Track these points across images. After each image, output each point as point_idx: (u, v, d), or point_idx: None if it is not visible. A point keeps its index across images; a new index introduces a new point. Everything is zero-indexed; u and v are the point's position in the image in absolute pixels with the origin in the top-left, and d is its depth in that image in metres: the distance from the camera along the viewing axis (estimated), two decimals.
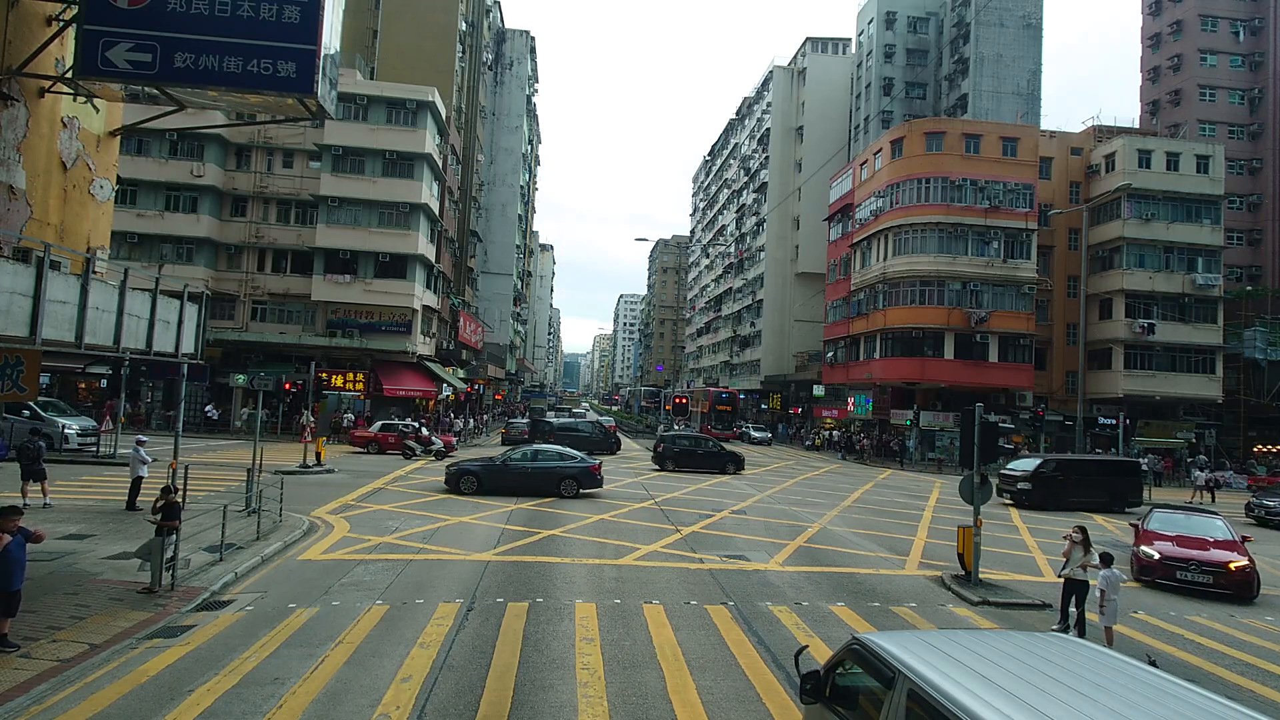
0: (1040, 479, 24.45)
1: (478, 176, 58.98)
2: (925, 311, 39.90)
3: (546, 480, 20.41)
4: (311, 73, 11.77)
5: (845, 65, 63.50)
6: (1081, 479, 24.97)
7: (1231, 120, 50.46)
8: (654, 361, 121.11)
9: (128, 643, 8.19)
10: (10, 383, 10.39)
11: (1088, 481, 24.94)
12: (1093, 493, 24.59)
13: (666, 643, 9.05)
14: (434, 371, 42.49)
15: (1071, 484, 24.60)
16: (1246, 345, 43.23)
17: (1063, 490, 24.35)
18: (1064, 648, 4.53)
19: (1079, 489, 24.58)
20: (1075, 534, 10.96)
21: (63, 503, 15.58)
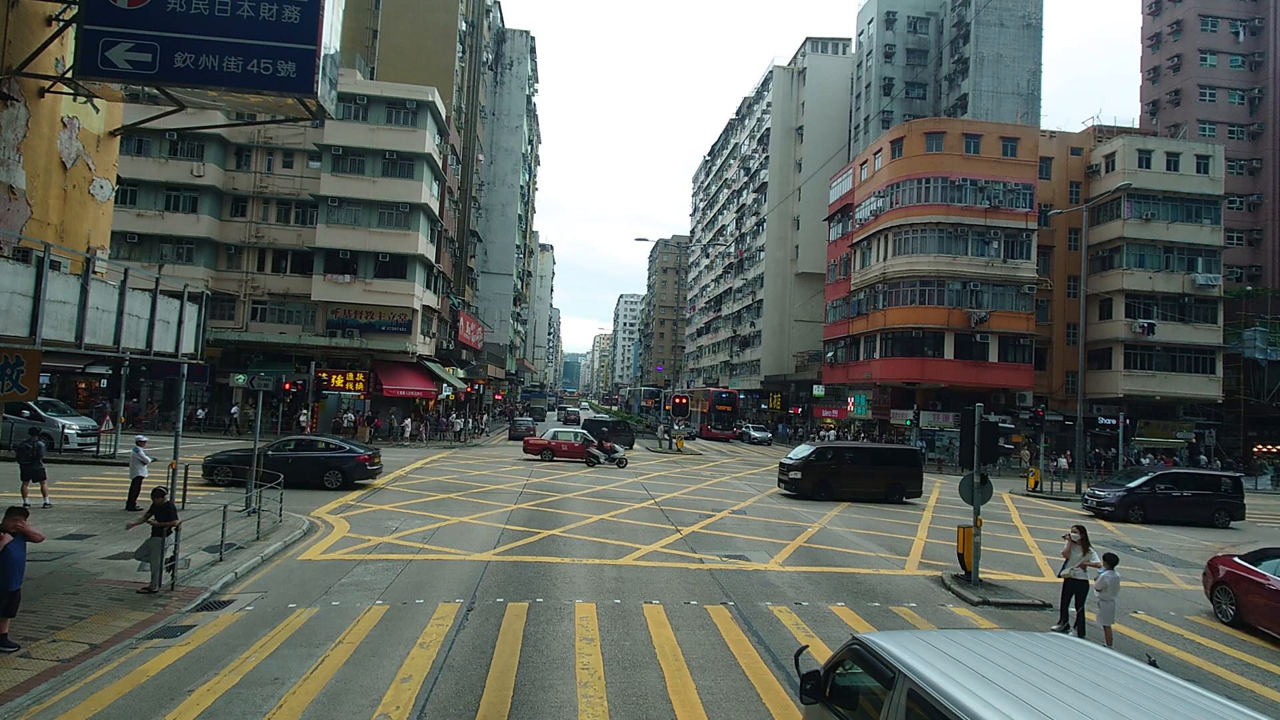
0: (810, 467, 23.29)
1: (478, 176, 58.97)
2: (925, 311, 39.89)
3: (309, 471, 19.57)
4: (311, 73, 11.78)
5: (845, 65, 63.50)
6: (856, 469, 23.84)
7: (1231, 120, 50.45)
8: (654, 361, 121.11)
9: (128, 643, 8.19)
10: (10, 383, 10.38)
11: (863, 471, 23.82)
12: (868, 483, 23.57)
13: (666, 643, 9.05)
14: (434, 371, 42.49)
15: (845, 474, 23.49)
16: (1246, 345, 43.23)
17: (835, 480, 23.26)
18: (1064, 648, 4.53)
19: (852, 479, 23.48)
20: (1075, 534, 10.97)
21: (63, 503, 15.58)
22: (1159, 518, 22.40)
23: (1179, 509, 22.57)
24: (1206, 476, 24.09)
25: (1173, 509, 22.54)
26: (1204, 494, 22.85)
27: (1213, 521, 22.49)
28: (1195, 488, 23.05)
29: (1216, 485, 23.13)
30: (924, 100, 57.07)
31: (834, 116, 62.41)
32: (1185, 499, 22.70)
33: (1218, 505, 22.60)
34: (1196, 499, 22.76)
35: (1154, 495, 22.63)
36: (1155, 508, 22.47)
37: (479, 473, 25.70)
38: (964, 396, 37.45)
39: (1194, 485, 23.18)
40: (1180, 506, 22.61)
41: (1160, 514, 22.42)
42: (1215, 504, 22.62)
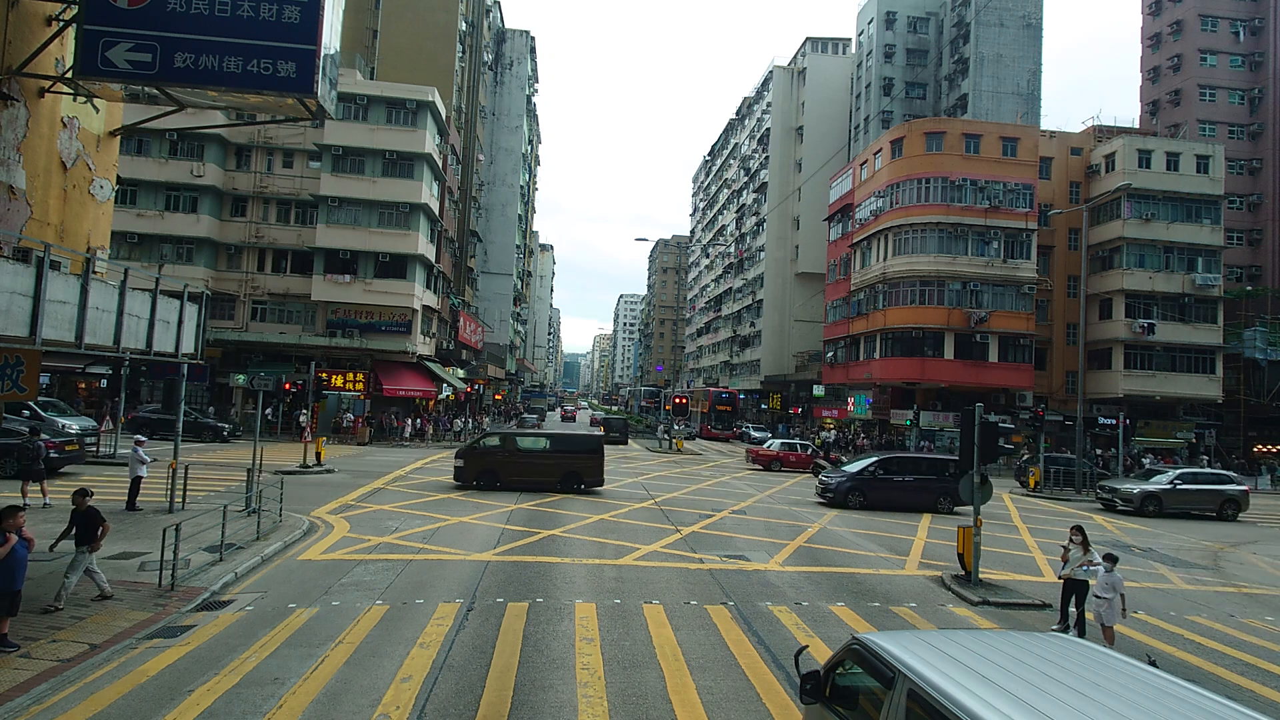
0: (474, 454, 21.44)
1: (478, 176, 58.97)
2: (925, 311, 39.89)
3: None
4: (311, 73, 11.77)
5: (845, 65, 63.49)
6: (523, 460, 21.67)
7: (1231, 120, 50.44)
8: (654, 361, 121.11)
9: (128, 643, 8.19)
10: (10, 383, 10.38)
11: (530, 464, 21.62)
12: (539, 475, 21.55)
13: (666, 643, 9.05)
14: (434, 371, 42.49)
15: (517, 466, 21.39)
16: (1246, 345, 43.22)
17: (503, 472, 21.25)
18: (1064, 648, 4.53)
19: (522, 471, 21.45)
20: (1074, 534, 10.97)
21: (63, 503, 15.56)
22: (880, 503, 21.56)
23: (901, 494, 21.82)
24: (931, 461, 23.30)
25: (894, 494, 21.77)
26: (927, 479, 22.05)
27: (935, 507, 21.72)
28: (919, 472, 22.35)
29: (942, 470, 22.32)
30: (924, 100, 57.06)
31: (834, 116, 62.40)
32: (908, 484, 21.93)
33: (941, 490, 21.75)
34: (919, 484, 21.97)
35: (875, 480, 21.84)
36: (876, 493, 21.67)
37: None
38: (964, 396, 37.45)
39: (918, 470, 22.49)
40: (902, 492, 21.83)
41: (881, 499, 21.62)
42: (939, 489, 21.79)
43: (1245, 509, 24.81)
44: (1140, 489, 24.50)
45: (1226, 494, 24.63)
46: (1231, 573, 15.87)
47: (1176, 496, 24.34)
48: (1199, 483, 25.03)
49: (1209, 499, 24.59)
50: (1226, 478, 25.81)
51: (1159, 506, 24.07)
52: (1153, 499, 24.14)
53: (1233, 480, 25.60)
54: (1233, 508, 24.48)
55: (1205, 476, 25.79)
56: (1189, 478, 25.23)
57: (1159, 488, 24.52)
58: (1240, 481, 25.86)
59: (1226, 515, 24.37)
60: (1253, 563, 17.25)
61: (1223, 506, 24.43)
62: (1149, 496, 24.16)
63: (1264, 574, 15.98)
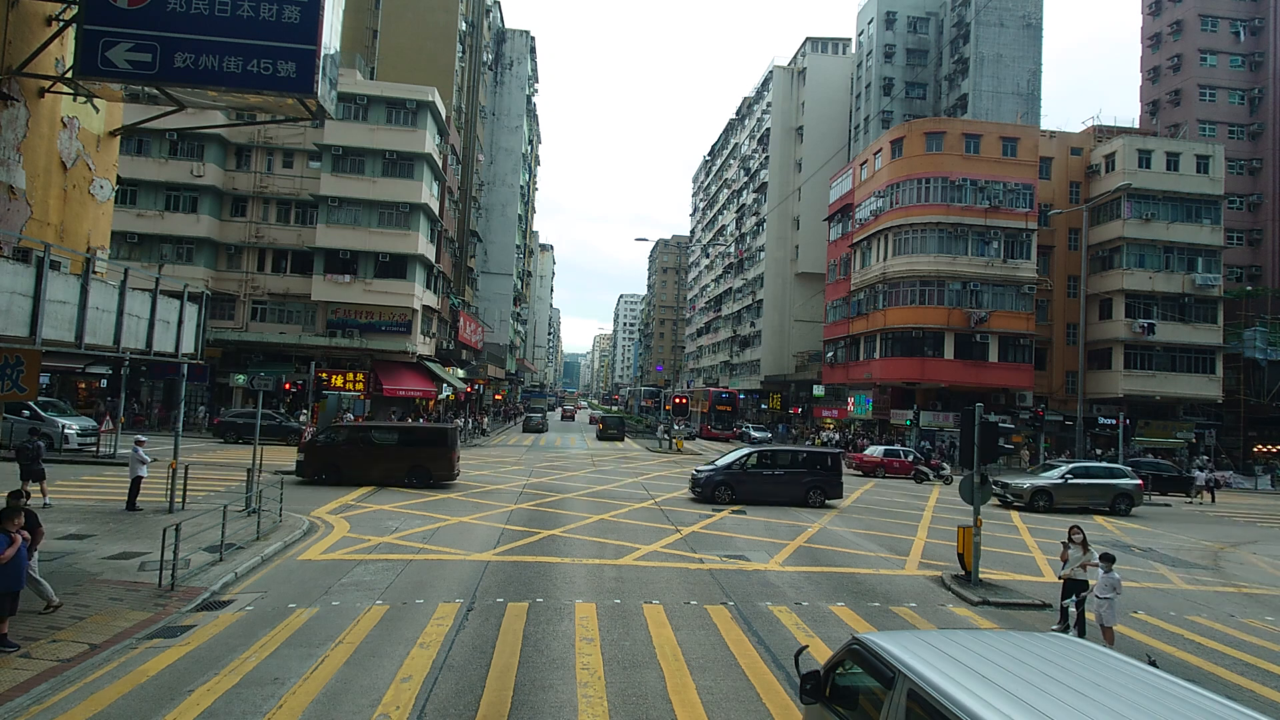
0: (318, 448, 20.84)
1: (478, 176, 58.97)
2: (925, 311, 39.89)
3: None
4: (311, 73, 11.78)
5: (845, 65, 63.49)
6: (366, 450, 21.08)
7: (1231, 120, 50.44)
8: (654, 361, 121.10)
9: (128, 643, 8.19)
10: (10, 383, 10.38)
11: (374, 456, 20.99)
12: (384, 468, 20.99)
13: (666, 643, 9.05)
14: (434, 371, 42.49)
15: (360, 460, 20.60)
16: (1246, 345, 43.22)
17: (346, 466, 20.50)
18: (1064, 648, 4.53)
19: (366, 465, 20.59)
20: (1073, 534, 10.97)
21: (63, 503, 15.58)
22: (748, 498, 20.91)
23: (772, 488, 21.20)
24: (803, 454, 22.55)
25: (765, 488, 21.17)
26: (799, 472, 21.45)
27: (806, 501, 21.14)
28: (791, 465, 21.74)
29: (813, 463, 21.81)
30: (924, 100, 57.06)
31: (834, 116, 62.40)
32: (779, 478, 21.32)
33: (812, 484, 21.26)
34: (791, 477, 21.35)
35: (744, 474, 21.25)
36: (745, 487, 21.00)
37: (479, 472, 25.69)
38: (964, 396, 37.45)
39: (791, 463, 21.87)
40: (774, 485, 21.24)
41: (749, 494, 20.97)
42: (810, 483, 21.28)
43: (1138, 504, 24.67)
44: (1030, 484, 24.02)
45: (1119, 489, 24.21)
46: (1231, 573, 15.87)
47: (1068, 491, 23.84)
48: (1091, 477, 24.56)
49: (1101, 493, 24.18)
50: (1120, 472, 25.31)
51: (1049, 501, 23.62)
52: (1042, 494, 23.70)
53: (1125, 475, 25.10)
54: (1125, 503, 24.13)
55: (1098, 471, 25.28)
56: (1081, 472, 24.69)
57: (1049, 482, 24.04)
58: (1133, 476, 25.28)
59: (1119, 510, 23.98)
60: (1253, 563, 17.26)
61: (1115, 501, 24.03)
62: (1039, 491, 23.71)
63: (1264, 574, 15.99)
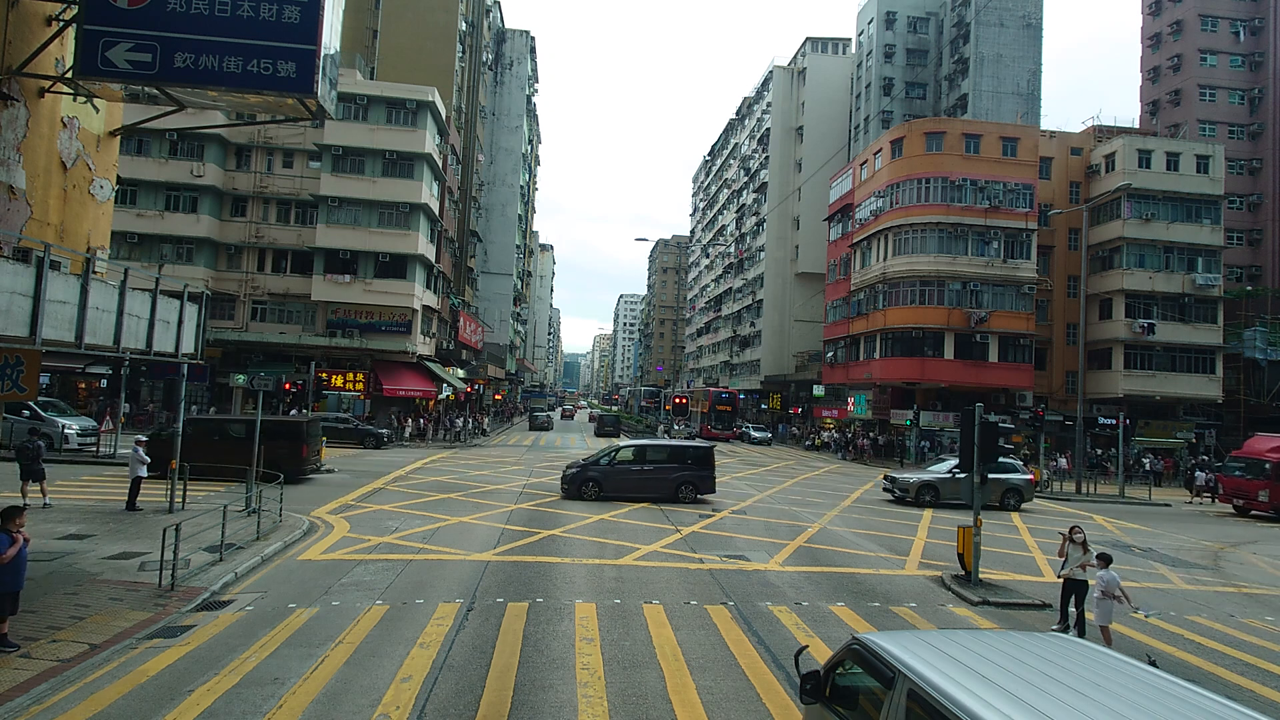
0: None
1: (478, 176, 58.98)
2: (925, 311, 39.88)
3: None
4: (311, 73, 11.77)
5: (845, 65, 63.50)
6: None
7: (1231, 120, 50.43)
8: (654, 361, 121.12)
9: (128, 643, 8.19)
10: (10, 383, 10.38)
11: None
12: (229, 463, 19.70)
13: (666, 643, 9.05)
14: (434, 371, 42.50)
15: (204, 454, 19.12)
16: (1246, 345, 43.21)
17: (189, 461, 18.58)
18: (1064, 648, 4.53)
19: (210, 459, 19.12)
20: (1074, 534, 10.97)
21: (63, 503, 15.59)
22: (616, 493, 20.26)
23: (640, 483, 20.60)
24: (673, 448, 21.89)
25: (633, 482, 20.55)
26: (668, 467, 20.84)
27: (677, 496, 20.53)
28: (660, 460, 21.14)
29: (684, 458, 21.09)
30: (924, 100, 57.06)
31: (834, 116, 62.40)
32: (648, 472, 20.71)
33: (683, 480, 20.66)
34: (659, 473, 20.72)
35: (612, 469, 20.62)
36: (612, 482, 20.36)
37: (479, 473, 25.70)
38: (964, 396, 37.45)
39: (660, 458, 21.27)
40: (642, 480, 20.62)
41: (618, 489, 20.33)
42: (680, 478, 20.67)
43: (1029, 499, 23.88)
44: (916, 478, 23.42)
45: (1009, 483, 23.37)
46: (1231, 573, 15.87)
47: (954, 485, 22.88)
48: (648, 459, 22.07)
49: (990, 488, 22.88)
50: (1010, 466, 24.35)
51: (935, 496, 22.98)
52: (928, 488, 23.03)
53: (1016, 469, 24.33)
54: (1015, 497, 23.46)
55: (659, 450, 22.90)
56: (636, 452, 22.51)
57: (935, 477, 23.37)
58: (1025, 471, 24.52)
59: (1009, 505, 23.33)
60: (1253, 563, 17.26)
61: (1005, 496, 23.25)
62: (925, 486, 23.07)
63: (1264, 574, 15.99)
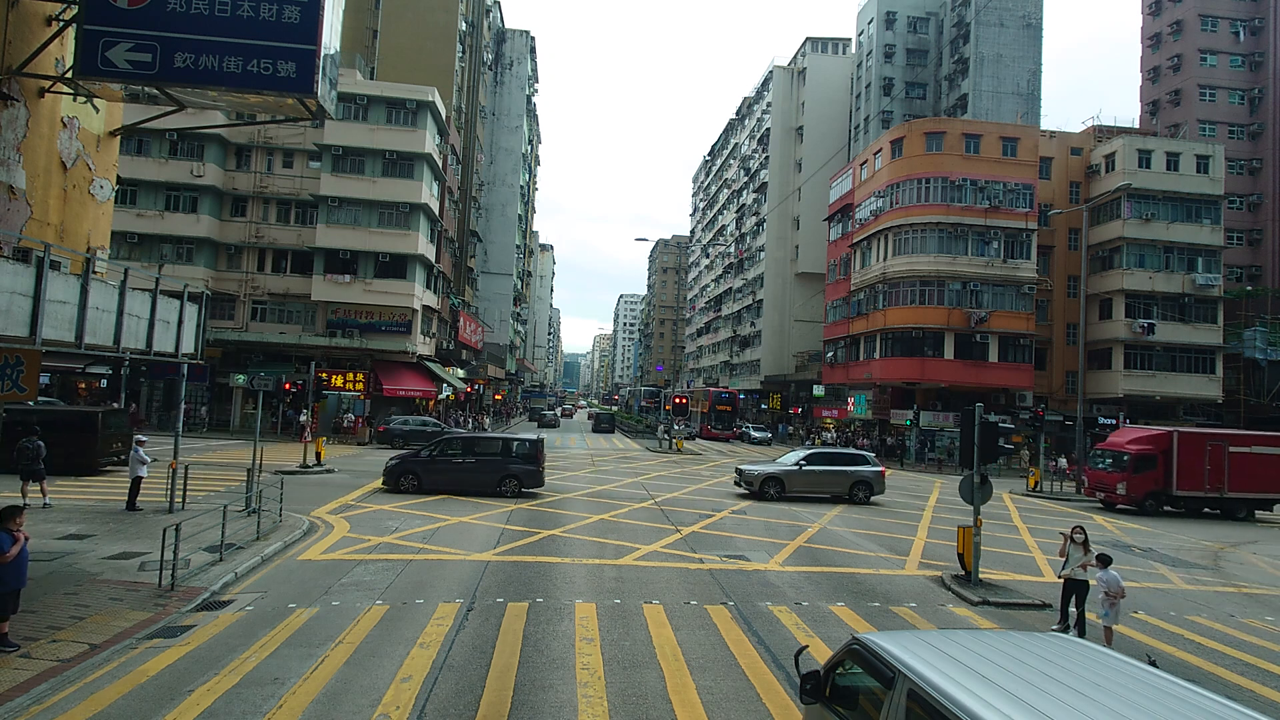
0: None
1: (478, 176, 58.97)
2: (925, 311, 39.89)
3: None
4: (311, 73, 11.77)
5: (845, 65, 63.50)
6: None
7: (1231, 120, 50.44)
8: (654, 361, 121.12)
9: (128, 643, 8.19)
10: (10, 383, 10.38)
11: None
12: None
13: (666, 643, 9.05)
14: (434, 371, 42.49)
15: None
16: (1246, 345, 43.21)
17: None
18: (1064, 648, 4.53)
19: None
20: (1075, 534, 10.96)
21: (63, 502, 15.58)
22: (436, 486, 19.68)
23: (462, 476, 20.03)
24: (502, 441, 21.18)
25: (454, 476, 20.00)
26: (492, 460, 20.22)
27: (499, 490, 19.90)
28: (485, 454, 20.44)
29: (510, 452, 20.41)
30: (924, 100, 57.07)
31: (834, 116, 62.41)
32: (471, 465, 20.12)
33: (508, 474, 20.02)
34: (483, 466, 20.08)
35: (433, 462, 20.02)
36: (433, 476, 19.73)
37: None
38: (964, 396, 37.45)
39: (486, 451, 20.58)
40: (463, 474, 20.05)
41: (439, 483, 19.74)
42: (504, 472, 20.02)
43: (880, 491, 23.03)
44: (760, 470, 22.48)
45: (857, 475, 22.70)
46: (1231, 573, 15.87)
47: (802, 479, 22.40)
48: (829, 463, 23.19)
49: (837, 481, 22.66)
50: (860, 458, 23.77)
51: (780, 490, 22.11)
52: (773, 481, 22.13)
53: (866, 461, 23.55)
54: (864, 490, 22.61)
55: (836, 456, 23.97)
56: (818, 458, 23.35)
57: (780, 470, 22.58)
58: (875, 463, 23.68)
59: (857, 498, 22.49)
60: (1253, 563, 17.26)
61: (853, 489, 22.53)
62: (769, 479, 22.13)
63: (1264, 574, 15.99)
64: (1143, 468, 24.63)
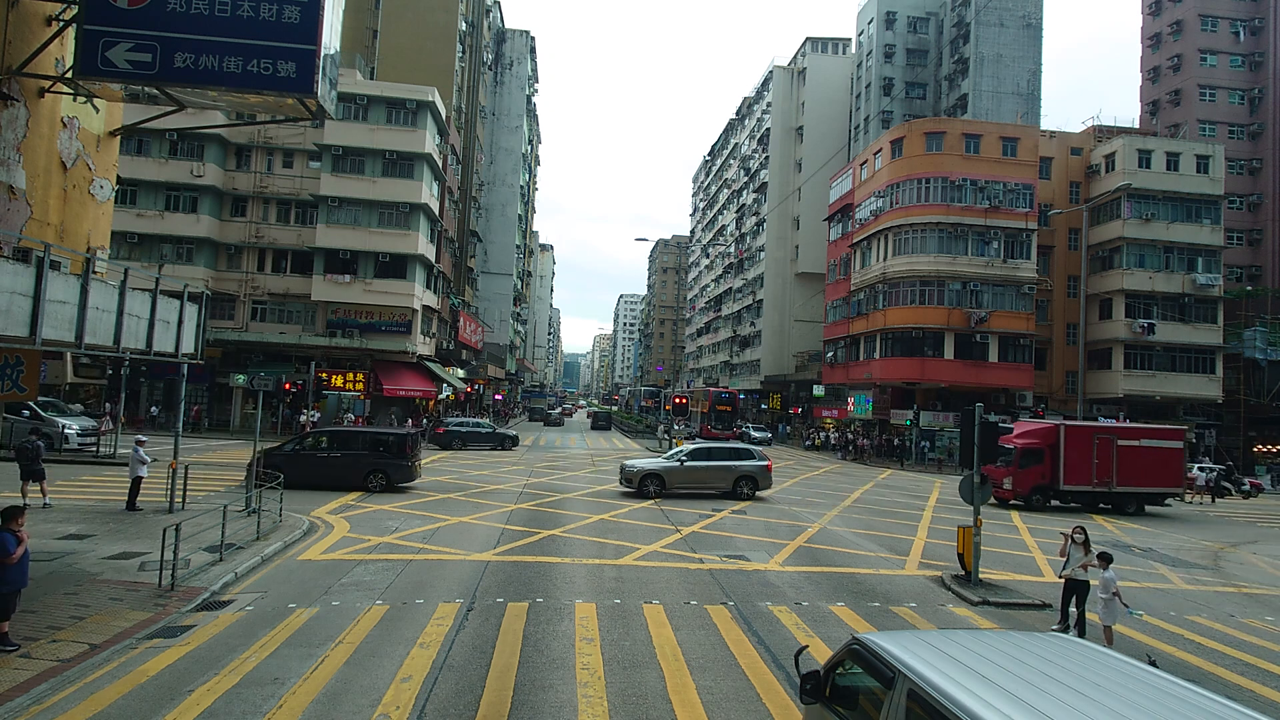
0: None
1: (478, 176, 58.97)
2: (925, 311, 39.89)
3: None
4: (311, 73, 11.78)
5: (845, 65, 63.50)
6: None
7: (1231, 120, 50.45)
8: (654, 361, 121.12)
9: (128, 643, 8.19)
10: (10, 383, 10.38)
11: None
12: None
13: (666, 643, 9.05)
14: (434, 371, 42.49)
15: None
16: (1246, 345, 43.22)
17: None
18: (1064, 648, 4.53)
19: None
20: (1075, 534, 10.96)
21: (63, 502, 15.58)
22: (301, 481, 18.88)
23: (327, 470, 19.75)
24: (368, 435, 20.90)
25: (320, 470, 19.69)
26: (360, 454, 19.99)
27: (365, 485, 19.71)
28: (352, 448, 20.23)
29: (376, 446, 20.18)
30: (924, 100, 57.06)
31: (834, 116, 62.41)
32: (335, 460, 19.90)
33: (373, 468, 19.79)
34: (347, 460, 19.90)
35: (297, 456, 19.71)
36: (297, 469, 18.98)
37: (479, 473, 25.70)
38: (964, 396, 37.44)
39: (353, 445, 20.37)
40: (329, 468, 19.78)
41: (302, 477, 19.01)
42: (371, 465, 19.83)
43: (765, 486, 22.37)
44: (640, 467, 21.94)
45: (741, 470, 22.02)
46: (1231, 573, 15.87)
47: (683, 475, 21.79)
48: (712, 458, 22.44)
49: (720, 476, 22.01)
50: (746, 452, 23.12)
51: (661, 486, 21.47)
52: (653, 478, 21.52)
53: (752, 455, 22.86)
54: (749, 485, 22.00)
55: (719, 451, 23.19)
56: (702, 453, 22.67)
57: (660, 466, 22.02)
58: (761, 457, 22.91)
59: (741, 493, 21.86)
60: (1253, 563, 17.26)
61: (737, 484, 21.90)
62: (648, 476, 21.57)
63: (1264, 574, 15.98)
64: (1029, 462, 24.07)
